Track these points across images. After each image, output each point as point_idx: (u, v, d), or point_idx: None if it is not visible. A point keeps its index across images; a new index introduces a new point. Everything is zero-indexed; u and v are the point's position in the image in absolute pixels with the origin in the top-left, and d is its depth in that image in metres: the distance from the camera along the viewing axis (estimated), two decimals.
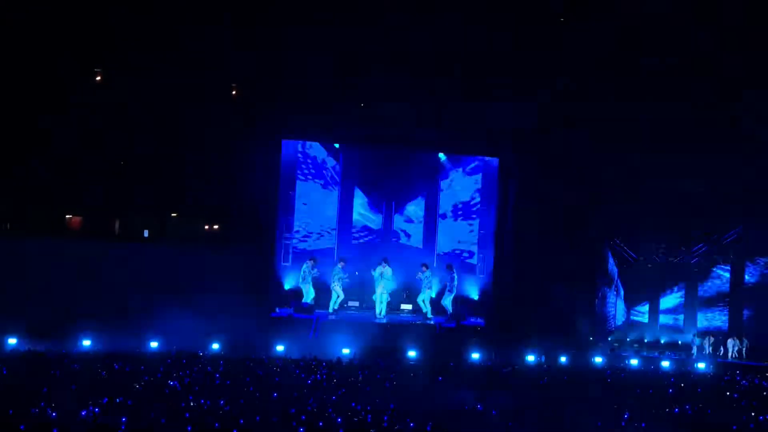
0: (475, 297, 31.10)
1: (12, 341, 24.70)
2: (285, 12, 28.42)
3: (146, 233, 31.58)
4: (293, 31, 28.41)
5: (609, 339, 31.27)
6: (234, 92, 30.77)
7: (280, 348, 26.31)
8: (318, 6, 28.13)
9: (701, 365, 27.98)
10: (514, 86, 29.07)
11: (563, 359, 27.34)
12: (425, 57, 28.96)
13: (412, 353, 26.28)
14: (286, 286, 30.45)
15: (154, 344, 25.59)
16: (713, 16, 28.53)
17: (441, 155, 31.38)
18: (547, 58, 29.17)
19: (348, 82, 29.22)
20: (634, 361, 28.24)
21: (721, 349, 30.52)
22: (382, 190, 31.54)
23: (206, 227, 32.36)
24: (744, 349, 30.29)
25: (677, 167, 29.58)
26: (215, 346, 25.95)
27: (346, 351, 26.04)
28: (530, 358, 27.03)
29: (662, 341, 31.64)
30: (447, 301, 29.95)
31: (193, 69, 29.13)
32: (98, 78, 29.88)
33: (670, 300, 32.16)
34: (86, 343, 25.29)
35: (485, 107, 29.27)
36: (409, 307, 30.75)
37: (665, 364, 28.10)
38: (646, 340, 31.73)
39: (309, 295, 29.54)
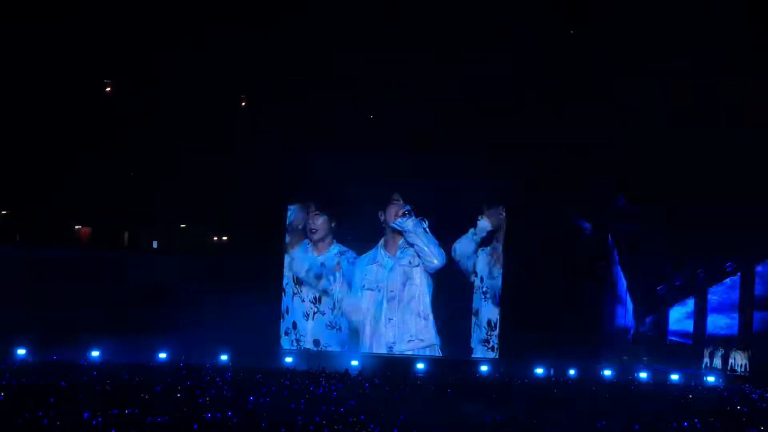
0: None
1: (21, 351, 24.75)
2: (292, 23, 28.56)
3: (155, 244, 31.64)
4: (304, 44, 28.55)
5: (618, 352, 31.17)
6: (242, 103, 30.82)
7: (288, 360, 26.32)
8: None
9: (711, 379, 27.90)
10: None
11: (572, 372, 27.28)
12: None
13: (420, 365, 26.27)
14: None
15: (162, 355, 25.61)
16: None
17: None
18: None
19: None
20: (643, 374, 28.15)
21: (731, 362, 30.38)
22: None
23: (215, 238, 32.41)
24: (747, 362, 30.10)
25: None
26: (223, 357, 25.96)
27: (354, 363, 26.03)
28: (539, 370, 26.98)
29: (672, 354, 31.52)
30: None
31: (199, 78, 29.20)
32: (107, 89, 29.96)
33: (679, 313, 32.08)
34: (95, 353, 25.32)
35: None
36: None
37: (674, 377, 28.01)
38: (655, 353, 31.61)
39: None
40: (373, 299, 29.25)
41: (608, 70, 29.65)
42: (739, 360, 30.21)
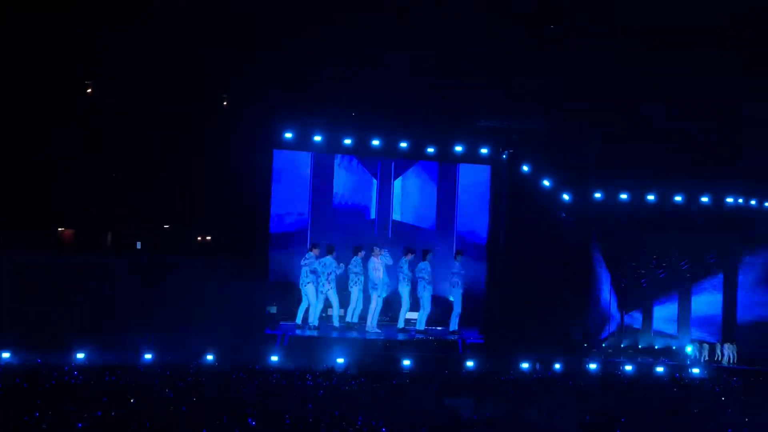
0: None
1: (5, 355, 24.65)
2: (280, 19, 28.49)
3: (139, 245, 31.54)
4: (288, 38, 28.47)
5: (603, 345, 31.29)
6: (225, 102, 30.76)
7: (274, 358, 26.27)
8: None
9: (696, 370, 28.04)
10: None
11: (557, 366, 27.35)
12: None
13: (407, 362, 26.21)
14: None
15: (147, 356, 25.55)
16: None
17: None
18: None
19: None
20: (628, 367, 28.25)
21: (717, 354, 30.52)
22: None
23: (198, 238, 32.35)
24: (735, 354, 30.25)
25: None
26: (209, 357, 25.90)
27: (340, 360, 25.99)
28: (524, 365, 27.03)
29: (656, 347, 31.67)
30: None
31: (184, 77, 29.13)
32: (89, 90, 29.87)
33: (663, 306, 32.21)
34: (80, 356, 25.23)
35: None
36: (415, 315, 29.42)
37: (660, 369, 28.15)
38: (640, 346, 31.74)
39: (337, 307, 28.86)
40: (354, 294, 29.14)
41: None
42: (726, 352, 30.36)
